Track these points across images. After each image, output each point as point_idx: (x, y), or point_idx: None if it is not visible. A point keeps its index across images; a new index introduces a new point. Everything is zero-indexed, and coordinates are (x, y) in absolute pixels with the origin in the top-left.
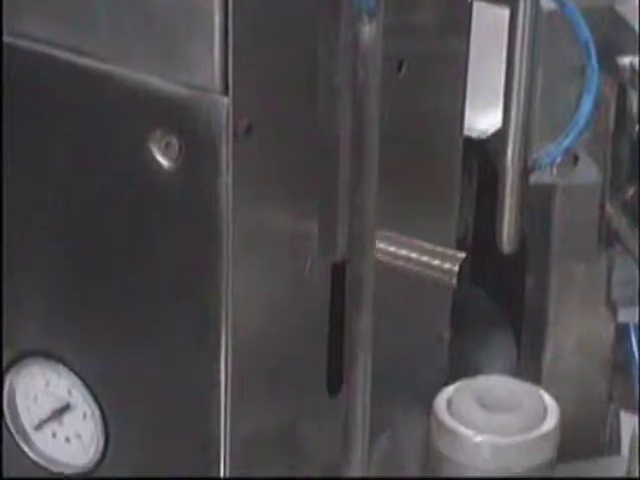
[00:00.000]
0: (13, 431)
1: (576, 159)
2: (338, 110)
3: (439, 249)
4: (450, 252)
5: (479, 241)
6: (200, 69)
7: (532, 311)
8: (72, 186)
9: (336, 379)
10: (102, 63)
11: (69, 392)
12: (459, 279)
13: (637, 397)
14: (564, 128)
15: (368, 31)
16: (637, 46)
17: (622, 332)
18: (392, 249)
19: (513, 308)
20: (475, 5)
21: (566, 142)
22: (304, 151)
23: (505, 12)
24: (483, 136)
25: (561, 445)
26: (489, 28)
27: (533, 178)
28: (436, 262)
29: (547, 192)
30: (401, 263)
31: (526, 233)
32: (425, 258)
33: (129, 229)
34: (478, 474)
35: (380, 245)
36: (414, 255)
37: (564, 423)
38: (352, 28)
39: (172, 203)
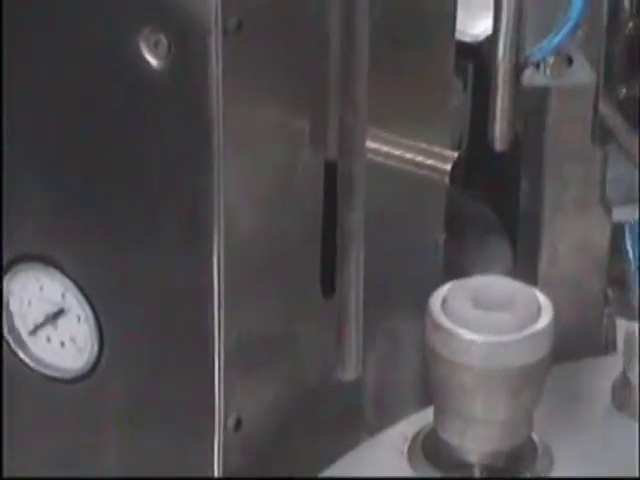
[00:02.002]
0: (9, 338)
1: (570, 60)
2: (328, 5)
3: (431, 148)
4: (442, 151)
5: (474, 146)
6: None
7: (527, 214)
8: (62, 86)
9: (330, 280)
10: None
11: (63, 296)
12: (452, 179)
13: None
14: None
15: None
16: None
17: (618, 234)
18: (384, 148)
19: (509, 212)
20: None
21: (558, 37)
22: (295, 46)
23: None
24: (477, 40)
25: (558, 347)
26: None
27: (527, 80)
28: (428, 161)
29: (541, 94)
30: (393, 162)
31: (520, 136)
32: (417, 157)
33: (119, 129)
34: (473, 373)
35: (372, 144)
36: (406, 154)
37: (561, 326)
38: None
39: (162, 101)
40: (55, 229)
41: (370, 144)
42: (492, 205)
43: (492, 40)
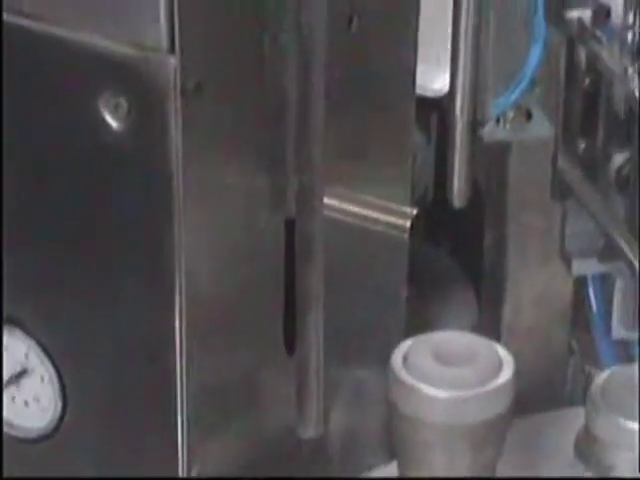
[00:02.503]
0: None
1: (529, 114)
2: (286, 67)
3: (390, 205)
4: (402, 208)
5: (438, 198)
6: (147, 29)
7: (491, 266)
8: (24, 150)
9: (294, 336)
10: (48, 25)
11: (26, 356)
12: (412, 235)
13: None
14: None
15: None
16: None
17: (581, 284)
18: (343, 205)
19: (473, 264)
20: None
21: (514, 94)
22: (253, 107)
23: None
24: (438, 94)
25: (523, 399)
26: None
27: (487, 134)
28: (388, 218)
29: (502, 148)
30: (353, 220)
31: (483, 189)
32: (376, 214)
33: (81, 190)
34: (435, 428)
35: (331, 201)
36: (365, 211)
37: (525, 377)
38: None
39: (123, 163)
40: (17, 289)
41: (329, 201)
42: (457, 257)
43: (449, 97)
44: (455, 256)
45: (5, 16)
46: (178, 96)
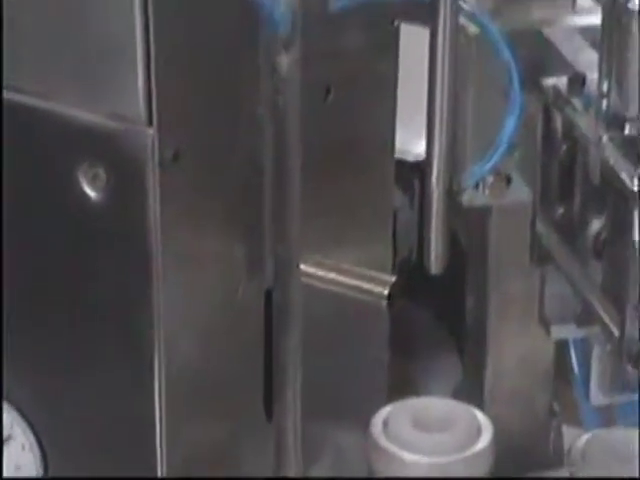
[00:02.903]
0: None
1: (509, 180)
2: (262, 137)
3: (369, 273)
4: (380, 275)
5: (422, 259)
6: (124, 100)
7: (473, 328)
8: (3, 223)
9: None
10: (27, 96)
11: (10, 425)
12: (391, 302)
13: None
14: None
15: (285, 60)
16: (563, 68)
17: (563, 347)
18: (322, 273)
19: (456, 326)
20: (416, 28)
21: (489, 164)
22: (230, 177)
23: None
24: (419, 159)
25: (504, 461)
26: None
27: (467, 200)
28: (366, 286)
29: (483, 213)
30: (331, 287)
31: (465, 253)
32: (355, 282)
33: (61, 260)
34: None
35: (310, 269)
36: (344, 279)
37: (507, 439)
38: (271, 57)
39: (102, 233)
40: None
41: (308, 268)
42: (440, 318)
43: (426, 166)
44: (438, 317)
45: None
46: (156, 166)
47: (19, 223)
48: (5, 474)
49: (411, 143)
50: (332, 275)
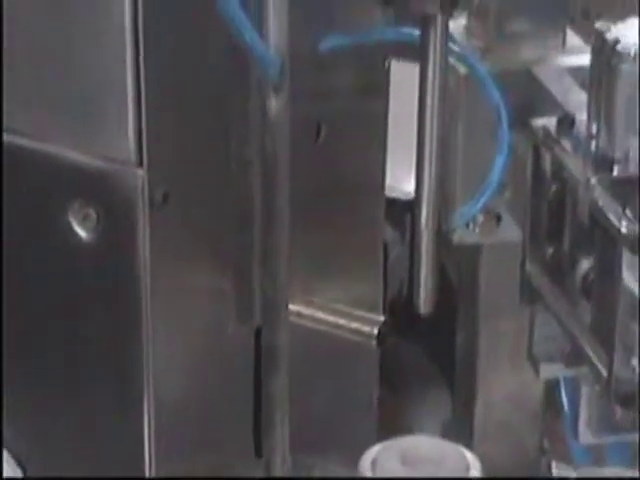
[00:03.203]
0: None
1: (499, 218)
2: (251, 178)
3: (358, 312)
4: (369, 315)
5: (412, 297)
6: (115, 142)
7: (463, 365)
8: None
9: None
10: (20, 137)
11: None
12: (380, 342)
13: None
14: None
15: (275, 103)
16: (552, 108)
17: (553, 384)
18: (311, 312)
19: (446, 362)
20: (409, 65)
21: (479, 204)
22: (219, 217)
23: None
24: (410, 197)
25: None
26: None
27: (457, 238)
28: (355, 325)
29: (473, 251)
30: (321, 326)
31: (455, 289)
32: (344, 321)
33: (51, 299)
34: None
35: (299, 308)
36: (333, 318)
37: (497, 476)
38: (260, 100)
39: (92, 272)
40: None
41: (297, 307)
42: (430, 354)
43: (415, 207)
44: (429, 353)
45: None
46: (146, 207)
47: (9, 261)
48: None
49: (402, 181)
50: (321, 314)
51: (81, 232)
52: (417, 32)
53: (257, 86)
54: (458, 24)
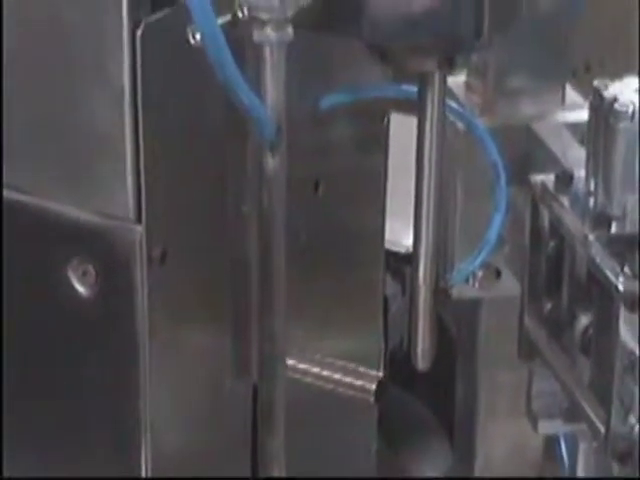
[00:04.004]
0: None
1: (498, 273)
2: (249, 234)
3: (357, 368)
4: (367, 371)
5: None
6: (114, 199)
7: (463, 419)
8: None
9: None
10: (18, 193)
11: None
12: (378, 398)
13: None
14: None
15: (271, 162)
16: (551, 164)
17: (552, 439)
18: (309, 368)
19: (446, 413)
20: (408, 118)
21: (477, 262)
22: (217, 274)
23: None
24: (410, 250)
25: None
26: None
27: (457, 292)
28: (354, 381)
29: (472, 305)
30: (319, 381)
31: (455, 342)
32: (343, 377)
33: (50, 353)
34: None
35: (297, 363)
36: (331, 374)
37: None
38: (257, 158)
39: (91, 328)
40: None
41: (295, 363)
42: (431, 406)
43: (412, 265)
44: (429, 405)
45: None
46: (144, 264)
47: (8, 316)
48: None
49: (402, 234)
50: (319, 370)
51: (80, 288)
52: (415, 89)
53: (254, 144)
54: (458, 79)
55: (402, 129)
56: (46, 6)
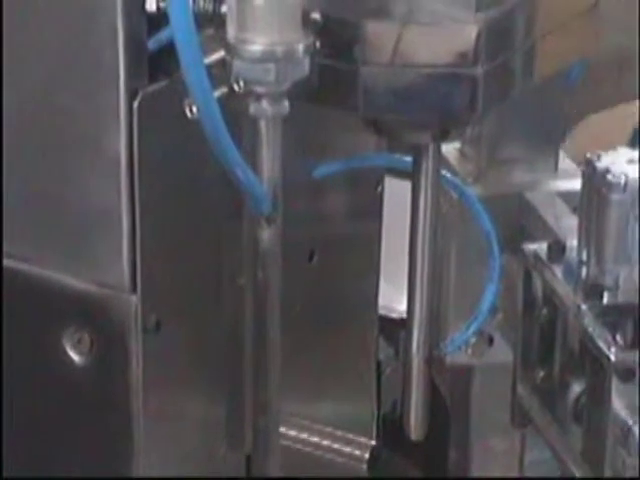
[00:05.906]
0: None
1: (491, 340)
2: (242, 306)
3: (349, 436)
4: (360, 439)
5: None
6: (110, 268)
7: None
8: None
9: None
10: (15, 261)
11: None
12: (371, 466)
13: None
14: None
15: (267, 234)
16: (544, 232)
17: None
18: (302, 436)
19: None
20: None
21: (470, 331)
22: (211, 344)
23: None
24: (403, 316)
25: None
26: None
27: (450, 359)
28: (346, 449)
29: (465, 371)
30: (312, 450)
31: (448, 408)
32: (335, 445)
33: (44, 421)
34: None
35: (290, 432)
36: (324, 442)
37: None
38: (252, 230)
39: (85, 396)
40: None
41: (288, 431)
42: (423, 470)
43: (406, 335)
44: (422, 469)
45: None
46: (139, 333)
47: (4, 383)
48: None
49: (396, 300)
50: (312, 438)
51: (75, 356)
52: (410, 159)
53: (249, 215)
54: (452, 147)
55: (396, 193)
56: (43, 77)
